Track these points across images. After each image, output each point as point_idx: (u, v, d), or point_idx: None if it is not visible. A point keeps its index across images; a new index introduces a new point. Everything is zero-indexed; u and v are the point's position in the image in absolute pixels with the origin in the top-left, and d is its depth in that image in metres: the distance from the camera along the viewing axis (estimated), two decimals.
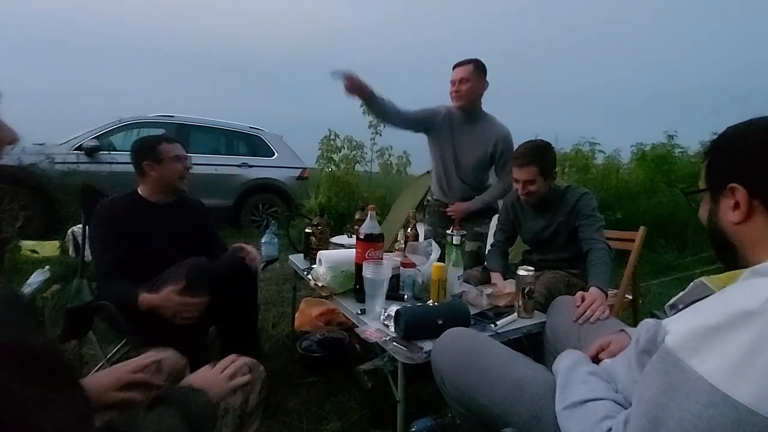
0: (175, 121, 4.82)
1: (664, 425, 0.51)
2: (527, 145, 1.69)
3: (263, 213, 5.21)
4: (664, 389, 0.52)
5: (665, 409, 0.51)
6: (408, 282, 1.47)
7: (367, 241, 1.40)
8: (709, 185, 0.69)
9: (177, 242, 1.56)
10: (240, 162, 5.06)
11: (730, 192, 0.63)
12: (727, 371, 0.47)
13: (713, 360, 0.49)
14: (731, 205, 0.64)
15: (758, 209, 0.61)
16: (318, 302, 2.31)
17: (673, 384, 0.51)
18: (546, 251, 1.80)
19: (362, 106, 6.02)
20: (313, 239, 1.91)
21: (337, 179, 5.63)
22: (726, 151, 0.68)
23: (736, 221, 0.63)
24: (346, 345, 1.94)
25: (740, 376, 0.47)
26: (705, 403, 0.48)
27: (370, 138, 6.17)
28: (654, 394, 0.53)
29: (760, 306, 0.48)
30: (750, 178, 0.62)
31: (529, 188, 1.66)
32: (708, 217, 0.70)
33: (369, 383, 1.57)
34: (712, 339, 0.50)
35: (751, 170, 0.62)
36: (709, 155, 0.70)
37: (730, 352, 0.48)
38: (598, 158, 5.92)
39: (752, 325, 0.48)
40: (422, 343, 1.14)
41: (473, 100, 2.00)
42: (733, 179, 0.63)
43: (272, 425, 1.46)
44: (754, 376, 0.46)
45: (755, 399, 0.46)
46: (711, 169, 0.69)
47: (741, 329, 0.48)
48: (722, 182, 0.65)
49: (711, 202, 0.69)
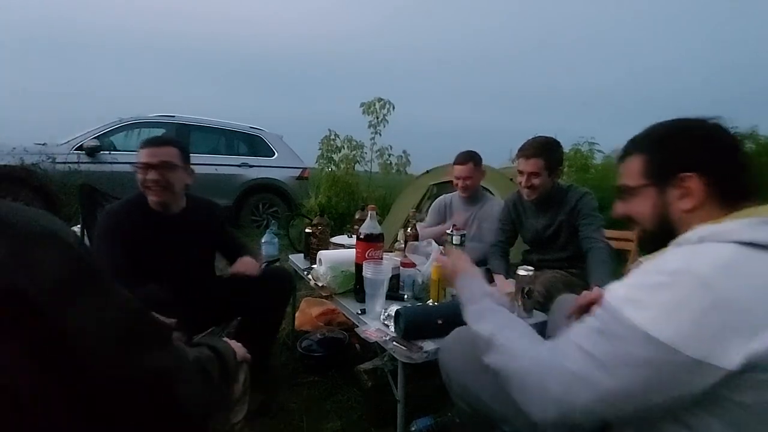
0: (176, 121, 4.82)
1: (594, 359, 0.57)
2: (536, 138, 1.70)
3: (263, 213, 5.21)
4: (597, 329, 0.59)
5: (596, 345, 0.58)
6: (408, 282, 1.47)
7: (367, 241, 1.40)
8: (654, 179, 0.73)
9: (178, 255, 1.48)
10: (240, 162, 5.06)
11: (680, 181, 0.69)
12: (653, 317, 0.55)
13: (642, 310, 0.56)
14: (680, 194, 0.70)
15: (707, 193, 0.68)
16: (318, 302, 2.31)
17: (607, 329, 0.58)
18: (546, 251, 1.80)
19: (362, 105, 6.06)
20: (313, 239, 1.92)
21: (337, 179, 5.62)
22: (669, 146, 0.73)
23: (687, 208, 0.69)
24: (346, 345, 1.95)
25: (664, 321, 0.54)
26: (633, 343, 0.55)
27: (370, 138, 6.18)
28: (587, 332, 0.61)
29: (680, 268, 0.56)
30: (701, 166, 0.68)
31: (533, 181, 1.67)
32: (655, 210, 0.74)
33: (369, 383, 1.58)
34: (641, 294, 0.58)
35: (701, 159, 0.69)
36: (645, 152, 0.75)
37: (655, 304, 0.55)
38: (597, 158, 5.93)
39: (674, 281, 0.56)
40: (422, 343, 1.15)
41: (474, 189, 2.24)
42: (683, 169, 0.69)
43: (272, 425, 1.47)
44: (676, 322, 0.53)
45: (676, 340, 0.52)
46: (653, 163, 0.73)
47: (665, 285, 0.56)
48: (670, 174, 0.70)
49: (657, 195, 0.73)
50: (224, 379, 0.75)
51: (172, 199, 1.47)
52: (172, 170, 1.42)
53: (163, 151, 1.42)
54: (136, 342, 0.53)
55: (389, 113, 6.05)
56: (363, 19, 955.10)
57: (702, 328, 0.52)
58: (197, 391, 0.61)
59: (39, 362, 0.45)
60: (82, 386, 0.48)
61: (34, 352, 0.44)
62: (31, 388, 0.45)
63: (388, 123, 6.07)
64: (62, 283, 0.47)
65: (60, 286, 0.46)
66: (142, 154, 1.41)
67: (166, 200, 1.45)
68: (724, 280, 0.53)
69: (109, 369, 0.49)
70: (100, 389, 0.49)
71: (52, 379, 0.46)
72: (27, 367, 0.44)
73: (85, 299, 0.48)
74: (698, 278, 0.54)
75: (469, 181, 2.17)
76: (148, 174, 1.40)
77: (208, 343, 0.77)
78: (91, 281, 0.50)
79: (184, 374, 0.59)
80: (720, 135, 0.71)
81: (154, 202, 1.44)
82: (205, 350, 0.73)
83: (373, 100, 6.04)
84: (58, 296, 0.46)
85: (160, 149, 1.42)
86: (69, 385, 0.47)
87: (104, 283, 0.52)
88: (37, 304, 0.44)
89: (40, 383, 0.45)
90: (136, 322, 0.54)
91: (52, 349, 0.45)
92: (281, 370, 1.84)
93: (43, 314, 0.45)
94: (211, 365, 0.69)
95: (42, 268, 0.46)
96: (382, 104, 6.02)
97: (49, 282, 0.45)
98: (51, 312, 0.45)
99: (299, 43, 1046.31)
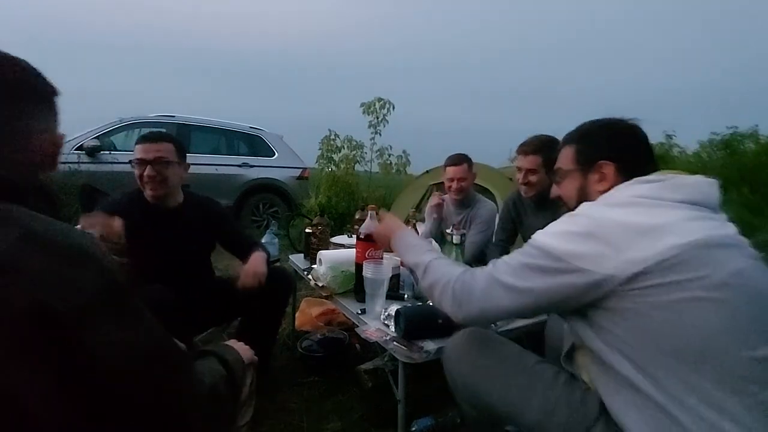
0: (176, 121, 4.81)
1: (510, 266, 0.82)
2: (537, 136, 1.69)
3: (264, 213, 5.21)
4: (519, 251, 0.85)
5: (512, 257, 0.84)
6: (408, 281, 1.47)
7: (367, 241, 1.40)
8: (581, 165, 0.91)
9: (175, 248, 1.48)
10: (241, 162, 5.06)
11: (599, 168, 0.87)
12: (553, 238, 0.78)
13: (548, 235, 0.79)
14: (598, 178, 0.88)
15: (618, 177, 0.85)
16: (318, 302, 2.31)
17: (524, 249, 0.83)
18: None
19: (362, 105, 6.06)
20: (313, 239, 1.91)
21: (337, 179, 5.63)
22: (595, 138, 0.91)
23: (602, 189, 0.86)
24: (346, 345, 1.94)
25: (560, 241, 0.76)
26: (538, 257, 0.78)
27: (370, 138, 6.19)
28: (513, 254, 0.86)
29: (580, 210, 0.81)
30: (614, 156, 0.86)
31: (529, 178, 1.66)
32: (578, 190, 0.92)
33: (369, 383, 1.58)
34: (554, 227, 0.81)
35: (615, 150, 0.87)
36: (575, 143, 0.93)
37: (559, 231, 0.79)
38: None
39: (577, 219, 0.78)
40: (422, 343, 1.14)
41: (468, 191, 2.20)
42: (602, 158, 0.87)
43: (272, 425, 1.46)
44: (568, 242, 0.75)
45: (564, 253, 0.74)
46: (580, 153, 0.92)
47: (565, 222, 0.80)
48: (592, 161, 0.88)
49: (581, 178, 0.91)
50: (233, 395, 0.74)
51: (168, 193, 1.50)
52: (167, 166, 1.45)
53: (158, 147, 1.44)
54: (157, 367, 0.53)
55: (389, 113, 6.06)
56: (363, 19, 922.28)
57: (582, 246, 0.73)
58: (207, 419, 0.61)
59: (58, 380, 0.44)
60: (97, 407, 0.48)
61: (55, 370, 0.44)
62: (46, 405, 0.44)
63: (388, 123, 6.09)
64: (92, 304, 0.47)
65: (89, 306, 0.47)
66: (138, 149, 1.44)
67: (162, 195, 1.48)
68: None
69: (127, 392, 0.49)
70: (114, 411, 0.49)
71: (69, 398, 0.46)
72: (45, 384, 0.44)
73: (112, 321, 0.48)
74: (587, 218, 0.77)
75: (464, 183, 2.13)
76: (144, 169, 1.42)
77: (218, 353, 0.76)
78: (120, 303, 0.51)
79: (198, 402, 0.59)
80: (632, 132, 0.88)
81: (151, 197, 1.47)
82: (216, 365, 0.71)
83: (373, 100, 6.05)
84: (86, 316, 0.46)
85: (156, 145, 1.45)
86: (84, 404, 0.47)
87: (133, 306, 0.52)
88: (65, 322, 0.44)
89: (56, 401, 0.45)
90: (160, 348, 0.54)
91: (73, 368, 0.45)
92: (281, 371, 1.84)
93: (69, 333, 0.45)
94: (222, 385, 0.68)
95: (74, 286, 0.46)
96: (382, 104, 6.03)
97: (79, 301, 0.46)
98: (77, 331, 0.45)
99: (299, 43, 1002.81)
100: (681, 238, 0.68)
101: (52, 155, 0.62)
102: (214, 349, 0.79)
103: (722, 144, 6.77)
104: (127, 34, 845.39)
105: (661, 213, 0.72)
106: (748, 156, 5.97)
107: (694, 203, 0.74)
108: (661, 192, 0.75)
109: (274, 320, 1.68)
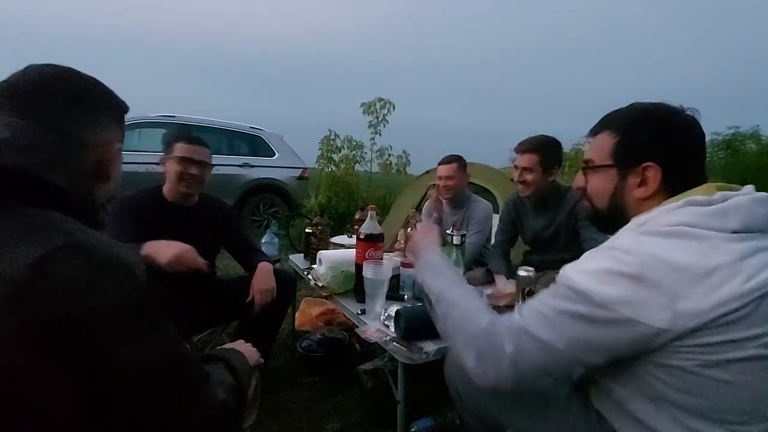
0: (177, 121, 4.81)
1: (542, 314, 0.66)
2: (535, 136, 1.70)
3: (264, 213, 5.21)
4: (549, 294, 0.69)
5: (543, 302, 0.68)
6: (408, 282, 1.47)
7: (367, 241, 1.40)
8: (620, 162, 0.75)
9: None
10: (241, 162, 5.06)
11: (642, 170, 0.72)
12: (592, 279, 0.63)
13: (584, 274, 0.65)
14: (637, 182, 0.73)
15: (661, 186, 0.71)
16: (318, 302, 2.31)
17: (557, 293, 0.67)
18: (546, 252, 1.80)
19: (362, 105, 6.06)
20: (313, 239, 1.92)
21: (337, 179, 5.63)
22: (643, 133, 0.73)
23: (642, 197, 0.72)
24: (346, 345, 1.94)
25: (601, 283, 0.62)
26: (575, 301, 0.64)
27: (370, 138, 6.19)
28: (542, 299, 0.70)
29: (621, 243, 0.65)
30: (664, 159, 0.70)
31: (525, 176, 1.66)
32: (611, 191, 0.76)
33: (369, 383, 1.57)
34: (589, 263, 0.67)
35: (665, 151, 0.71)
36: (618, 133, 0.75)
37: (599, 270, 0.64)
38: None
39: (619, 255, 0.63)
40: (422, 344, 1.14)
41: (459, 192, 2.14)
42: (648, 159, 0.71)
43: (272, 425, 1.46)
44: (610, 285, 0.61)
45: (608, 299, 0.61)
46: (623, 147, 0.75)
47: (604, 257, 0.65)
48: (636, 161, 0.72)
49: (618, 178, 0.75)
50: (239, 402, 0.73)
51: (197, 193, 1.60)
52: (208, 169, 1.59)
53: (204, 151, 1.57)
54: (174, 384, 0.53)
55: (389, 113, 6.06)
56: (363, 19, 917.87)
57: (630, 292, 0.60)
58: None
59: (77, 388, 0.45)
60: (111, 415, 0.48)
61: (75, 375, 0.45)
62: (67, 409, 0.45)
63: (388, 123, 6.08)
64: (117, 313, 0.47)
65: (114, 315, 0.47)
66: (186, 149, 1.52)
67: (194, 193, 1.57)
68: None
69: (142, 403, 0.50)
70: (127, 420, 0.49)
71: (87, 406, 0.46)
72: (67, 388, 0.45)
73: (135, 333, 0.49)
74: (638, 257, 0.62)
75: (451, 182, 2.08)
76: (190, 168, 1.51)
77: (226, 359, 0.75)
78: (146, 317, 0.51)
79: (208, 420, 0.59)
80: (689, 130, 0.73)
81: (181, 193, 1.54)
82: (226, 376, 0.71)
83: (373, 100, 6.05)
84: (109, 324, 0.46)
85: (202, 148, 1.57)
86: (100, 412, 0.47)
87: (158, 321, 0.53)
88: (87, 328, 0.45)
89: (74, 409, 0.45)
90: (179, 365, 0.54)
91: (92, 377, 0.46)
92: (281, 371, 1.84)
93: (91, 340, 0.45)
94: (231, 395, 0.68)
95: (101, 294, 0.46)
96: (382, 104, 6.03)
97: (103, 309, 0.46)
98: (99, 339, 0.46)
99: (300, 43, 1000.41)
100: (740, 285, 0.58)
101: (107, 169, 0.62)
102: (222, 355, 0.78)
103: (723, 144, 6.76)
104: (127, 34, 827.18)
105: (716, 250, 0.61)
106: (750, 157, 5.96)
107: (748, 230, 0.63)
108: (712, 221, 0.63)
109: (275, 322, 1.68)
